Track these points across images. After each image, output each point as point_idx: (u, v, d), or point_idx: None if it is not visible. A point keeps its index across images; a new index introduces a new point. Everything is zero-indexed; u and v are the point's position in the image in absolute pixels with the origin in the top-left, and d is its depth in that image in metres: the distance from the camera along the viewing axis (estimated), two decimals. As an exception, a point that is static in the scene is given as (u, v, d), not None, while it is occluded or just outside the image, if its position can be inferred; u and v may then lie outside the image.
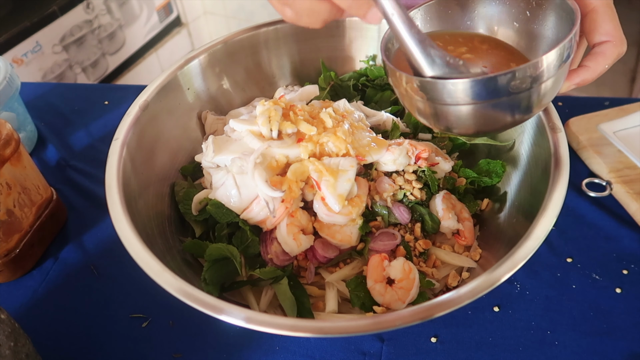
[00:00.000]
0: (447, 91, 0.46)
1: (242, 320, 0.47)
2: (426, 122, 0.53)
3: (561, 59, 0.46)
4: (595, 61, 0.50)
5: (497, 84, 0.45)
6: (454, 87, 0.46)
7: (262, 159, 0.60)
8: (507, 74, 0.44)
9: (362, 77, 0.81)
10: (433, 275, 0.62)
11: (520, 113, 0.49)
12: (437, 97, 0.48)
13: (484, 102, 0.47)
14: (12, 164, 0.66)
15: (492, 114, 0.49)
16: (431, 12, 0.57)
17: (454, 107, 0.48)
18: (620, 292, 0.65)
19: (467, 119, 0.49)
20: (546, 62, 0.45)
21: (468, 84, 0.45)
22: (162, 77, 0.70)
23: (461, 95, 0.46)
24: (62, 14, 1.77)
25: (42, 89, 1.03)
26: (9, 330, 0.50)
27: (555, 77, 0.47)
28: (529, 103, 0.48)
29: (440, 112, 0.50)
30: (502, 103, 0.47)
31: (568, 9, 0.49)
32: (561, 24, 0.51)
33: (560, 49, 0.45)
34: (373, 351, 0.61)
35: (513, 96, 0.46)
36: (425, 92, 0.48)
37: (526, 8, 0.54)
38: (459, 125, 0.51)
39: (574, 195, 0.76)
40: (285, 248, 0.60)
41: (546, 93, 0.48)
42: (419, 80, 0.48)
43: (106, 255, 0.73)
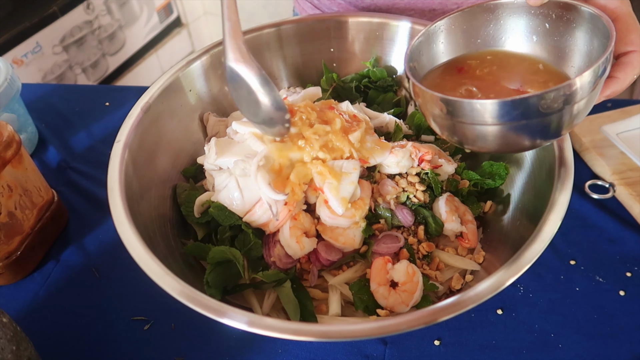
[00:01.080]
0: (472, 110, 0.45)
1: (244, 324, 0.47)
2: (440, 132, 0.52)
3: (596, 78, 0.44)
4: (624, 72, 0.49)
5: (528, 105, 0.43)
6: (481, 107, 0.44)
7: (265, 161, 0.60)
8: (539, 96, 0.43)
9: (365, 79, 0.81)
10: (436, 278, 0.62)
11: (548, 135, 0.48)
12: (461, 116, 0.46)
13: (510, 124, 0.45)
14: (13, 166, 0.65)
15: (517, 136, 0.47)
16: (450, 25, 0.57)
17: (477, 127, 0.47)
18: (623, 294, 0.65)
19: (489, 139, 0.48)
20: (581, 82, 0.43)
21: (496, 105, 0.44)
22: (164, 78, 0.70)
23: (488, 115, 0.45)
24: (63, 14, 1.77)
25: (43, 90, 1.03)
26: (11, 334, 0.49)
27: (588, 97, 0.45)
28: (559, 124, 0.46)
29: (460, 129, 0.48)
30: (530, 125, 0.45)
31: (597, 22, 0.48)
32: (587, 37, 0.50)
33: (596, 69, 0.44)
34: (376, 354, 0.61)
35: (542, 118, 0.44)
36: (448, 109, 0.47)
37: (546, 21, 0.53)
38: (476, 143, 0.50)
39: (577, 197, 0.75)
40: (288, 251, 0.60)
41: (579, 113, 0.46)
42: (444, 99, 0.47)
43: (107, 257, 0.72)
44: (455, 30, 0.57)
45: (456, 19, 0.57)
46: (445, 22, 0.57)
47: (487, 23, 0.57)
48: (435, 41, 0.57)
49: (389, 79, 0.80)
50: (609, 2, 0.50)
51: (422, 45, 0.56)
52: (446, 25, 0.57)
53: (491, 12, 0.56)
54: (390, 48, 0.80)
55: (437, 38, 0.57)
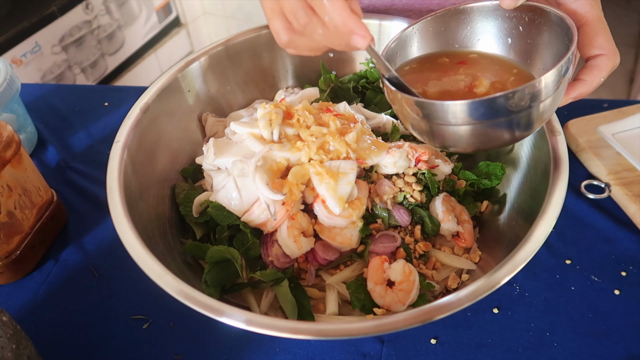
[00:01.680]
0: (444, 111, 0.47)
1: (242, 323, 0.47)
2: (422, 138, 0.53)
3: (559, 77, 0.46)
4: (591, 74, 0.51)
5: (496, 104, 0.45)
6: (451, 107, 0.46)
7: (263, 161, 0.61)
8: (506, 95, 0.45)
9: (362, 79, 0.82)
10: (433, 277, 0.62)
11: (518, 131, 0.50)
12: (434, 117, 0.48)
13: (481, 123, 0.47)
14: (13, 165, 0.66)
15: (490, 134, 0.49)
16: (427, 29, 0.58)
17: (452, 127, 0.48)
18: (618, 293, 0.65)
19: (465, 139, 0.50)
20: (545, 81, 0.45)
21: (467, 105, 0.45)
22: (163, 79, 0.71)
23: (459, 115, 0.46)
24: (62, 14, 1.77)
25: (42, 90, 1.03)
26: (11, 333, 0.50)
27: (553, 96, 0.47)
28: (528, 121, 0.48)
29: (437, 131, 0.50)
30: (500, 123, 0.47)
31: (564, 25, 0.50)
32: (556, 39, 0.52)
33: (559, 68, 0.45)
34: (373, 353, 0.61)
35: (512, 115, 0.46)
36: (421, 110, 0.48)
37: (520, 24, 0.55)
38: (456, 144, 0.51)
39: (573, 197, 0.76)
40: (285, 250, 0.61)
41: (545, 111, 0.48)
42: (416, 101, 0.48)
43: (107, 256, 0.73)
44: (430, 33, 0.58)
45: (431, 22, 0.57)
46: (419, 26, 0.57)
47: (462, 26, 0.58)
48: (409, 45, 0.58)
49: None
50: (579, 7, 0.51)
51: (397, 48, 0.57)
52: (420, 29, 0.57)
53: (466, 15, 0.57)
54: (387, 49, 0.80)
55: (411, 41, 0.58)
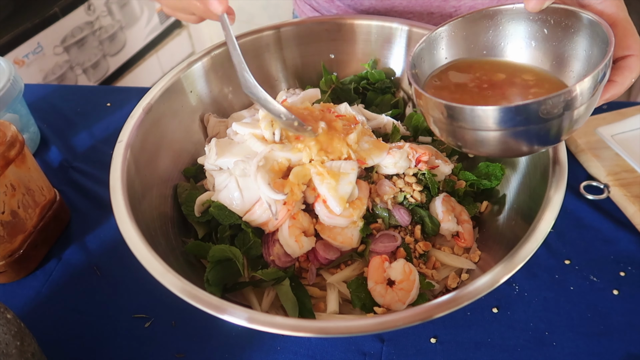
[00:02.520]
0: (474, 117, 0.46)
1: (244, 320, 0.48)
2: (444, 139, 0.53)
3: (596, 84, 0.45)
4: (623, 75, 0.50)
5: (527, 111, 0.44)
6: (483, 113, 0.45)
7: (265, 162, 0.61)
8: (537, 102, 0.43)
9: (363, 81, 0.82)
10: (433, 276, 0.63)
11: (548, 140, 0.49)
12: (463, 122, 0.47)
13: (511, 130, 0.46)
14: (16, 165, 0.66)
15: (518, 141, 0.48)
16: (454, 32, 0.58)
17: (480, 133, 0.47)
18: (617, 293, 0.66)
19: (491, 144, 0.49)
20: (580, 89, 0.44)
21: (497, 112, 0.44)
22: (166, 79, 0.71)
23: (489, 122, 0.45)
24: (64, 15, 1.78)
25: (45, 91, 1.04)
26: (15, 330, 0.50)
27: (588, 102, 0.46)
28: (558, 130, 0.47)
29: (462, 135, 0.49)
30: (530, 130, 0.46)
31: (595, 28, 0.49)
32: (586, 43, 0.51)
33: (595, 75, 0.44)
34: (373, 352, 0.62)
35: (543, 124, 0.45)
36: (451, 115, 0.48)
37: (554, 27, 0.54)
38: (481, 149, 0.50)
39: (572, 198, 0.77)
40: (287, 250, 0.61)
41: (578, 118, 0.47)
42: (446, 105, 0.47)
43: (109, 256, 0.73)
44: (456, 36, 0.58)
45: (457, 25, 0.57)
46: (446, 29, 0.57)
47: (486, 29, 0.57)
48: (436, 47, 0.58)
49: (387, 80, 0.81)
50: (606, 7, 0.51)
51: (423, 51, 0.57)
52: (447, 32, 0.58)
53: (490, 19, 0.57)
54: (388, 50, 0.81)
55: (438, 44, 0.58)
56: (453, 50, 0.59)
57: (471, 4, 0.85)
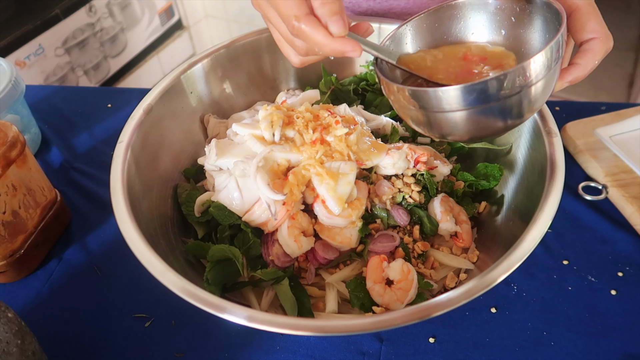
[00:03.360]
0: (437, 98, 0.47)
1: (244, 319, 0.48)
2: (421, 130, 0.54)
3: (550, 61, 0.47)
4: (585, 58, 0.51)
5: (486, 88, 0.46)
6: (444, 94, 0.47)
7: (264, 162, 0.62)
8: (494, 79, 0.45)
9: (362, 82, 0.83)
10: (431, 276, 0.63)
11: (512, 117, 0.50)
12: (428, 105, 0.49)
13: (474, 108, 0.47)
14: (17, 165, 0.67)
15: (485, 119, 0.49)
16: (419, 26, 0.58)
17: (446, 114, 0.49)
18: (615, 294, 0.66)
19: (460, 126, 0.50)
20: (534, 65, 0.46)
21: (458, 91, 0.46)
22: (166, 81, 0.72)
23: (452, 102, 0.47)
24: (65, 17, 1.78)
25: (46, 92, 1.04)
26: (16, 329, 0.51)
27: (545, 79, 0.48)
28: (520, 106, 0.49)
29: (434, 120, 0.51)
30: (493, 108, 0.48)
31: (553, 10, 0.50)
32: (548, 27, 0.52)
33: (547, 51, 0.46)
34: (372, 351, 0.62)
35: (503, 100, 0.47)
36: (416, 100, 0.49)
37: (511, 14, 0.55)
38: (453, 132, 0.52)
39: (571, 198, 0.77)
40: (286, 250, 0.61)
41: (537, 95, 0.49)
42: (409, 90, 0.49)
43: (109, 256, 0.74)
44: (424, 30, 0.58)
45: (424, 19, 0.58)
46: (412, 23, 0.58)
47: (455, 21, 0.58)
48: (403, 42, 0.59)
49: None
50: None
51: (390, 46, 0.58)
52: (414, 26, 0.58)
53: (458, 10, 0.57)
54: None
55: (404, 39, 0.59)
56: (420, 43, 0.59)
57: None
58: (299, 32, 0.49)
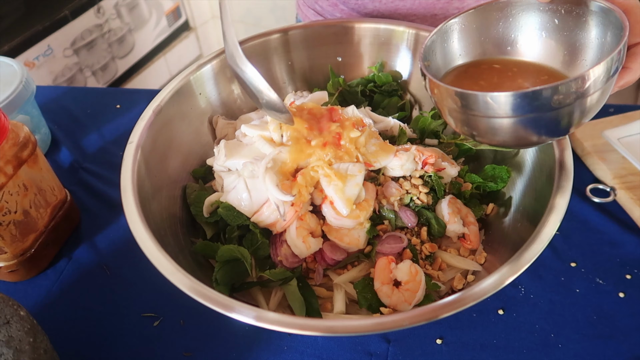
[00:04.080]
0: (487, 103, 0.46)
1: (252, 319, 0.48)
2: (454, 125, 0.53)
3: (609, 72, 0.45)
4: (637, 62, 0.50)
5: (541, 97, 0.44)
6: (493, 100, 0.45)
7: (273, 163, 0.62)
8: (549, 88, 0.43)
9: (370, 83, 0.83)
10: (439, 277, 0.63)
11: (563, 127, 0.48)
12: (474, 108, 0.47)
13: (524, 116, 0.45)
14: (29, 165, 0.67)
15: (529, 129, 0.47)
16: (462, 23, 0.58)
17: (491, 120, 0.47)
18: (623, 296, 0.66)
19: (501, 132, 0.49)
20: (593, 75, 0.44)
21: (508, 97, 0.44)
22: (175, 82, 0.72)
23: (501, 108, 0.45)
24: (73, 18, 1.80)
25: (56, 93, 1.05)
26: (28, 327, 0.51)
27: (602, 89, 0.45)
28: (571, 118, 0.47)
29: (473, 121, 0.50)
30: (542, 117, 0.46)
31: (612, 17, 0.49)
32: (603, 32, 0.51)
33: (608, 62, 0.44)
34: (379, 352, 0.62)
35: (556, 111, 0.45)
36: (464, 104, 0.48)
37: (564, 16, 0.54)
38: (488, 136, 0.51)
39: (579, 200, 0.77)
40: (294, 250, 0.62)
41: (592, 106, 0.47)
42: (458, 91, 0.48)
43: (118, 255, 0.74)
44: (468, 28, 0.58)
45: (468, 17, 0.58)
46: (457, 21, 0.58)
47: (497, 21, 0.58)
48: (448, 39, 0.59)
49: (394, 83, 0.82)
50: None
51: (435, 44, 0.57)
52: (459, 24, 0.58)
53: (501, 11, 0.57)
54: (395, 53, 0.82)
55: (450, 36, 0.59)
56: (464, 42, 0.59)
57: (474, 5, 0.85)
58: None
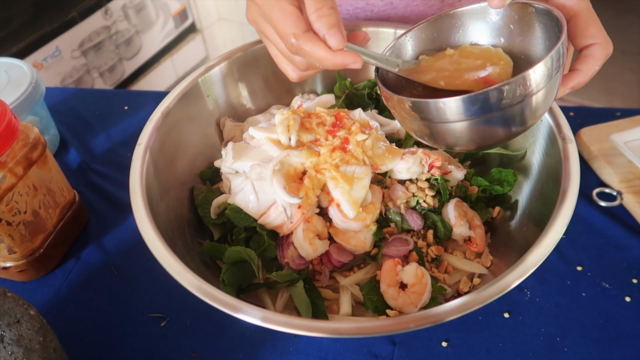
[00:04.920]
0: (438, 109, 0.47)
1: (259, 320, 0.49)
2: (425, 141, 0.54)
3: (551, 70, 0.46)
4: (586, 63, 0.51)
5: (487, 99, 0.45)
6: (445, 105, 0.47)
7: (280, 166, 0.62)
8: (495, 89, 0.45)
9: (377, 86, 0.83)
10: (445, 280, 0.64)
11: (515, 125, 0.50)
12: (430, 116, 0.49)
13: (476, 119, 0.47)
14: (38, 166, 0.68)
15: (488, 129, 0.49)
16: (418, 36, 0.59)
17: (448, 125, 0.49)
18: (629, 300, 0.66)
19: (464, 136, 0.50)
20: (534, 74, 0.45)
21: (458, 102, 0.46)
22: (184, 84, 0.73)
23: (453, 113, 0.47)
24: (82, 19, 1.81)
25: (64, 94, 1.06)
26: (38, 326, 0.52)
27: (546, 88, 0.47)
28: (522, 115, 0.49)
29: (436, 131, 0.51)
30: (495, 117, 0.47)
31: (553, 18, 0.50)
32: (548, 34, 0.52)
33: (548, 60, 0.46)
34: (385, 354, 0.62)
35: (505, 110, 0.47)
36: (418, 111, 0.49)
37: (511, 22, 0.55)
38: (457, 143, 0.52)
39: (585, 204, 0.77)
40: (301, 252, 0.62)
41: (539, 104, 0.48)
42: (410, 101, 0.49)
43: (126, 256, 0.75)
44: (424, 39, 0.59)
45: (423, 29, 0.58)
46: (412, 34, 0.58)
47: (454, 30, 0.58)
48: (403, 53, 0.59)
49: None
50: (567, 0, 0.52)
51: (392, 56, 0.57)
52: (413, 36, 0.58)
53: (457, 19, 0.57)
54: (402, 56, 0.82)
55: (404, 49, 0.59)
56: (418, 52, 0.59)
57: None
58: (298, 49, 0.49)
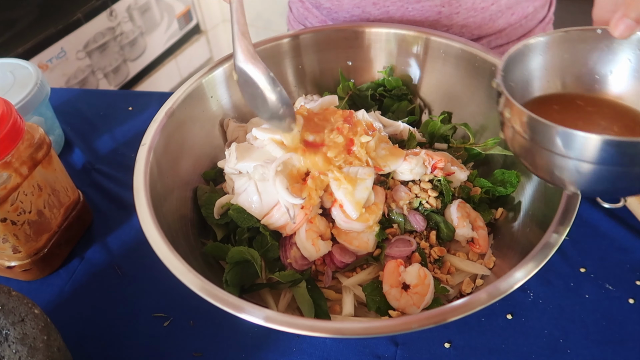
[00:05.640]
0: (566, 140, 0.39)
1: (262, 319, 0.49)
2: (521, 159, 0.48)
3: None
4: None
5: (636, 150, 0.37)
6: (584, 140, 0.38)
7: (283, 167, 0.63)
8: None
9: (380, 87, 0.83)
10: (447, 281, 0.64)
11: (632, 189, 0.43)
12: (551, 144, 0.41)
13: (607, 166, 0.39)
14: (43, 166, 0.68)
15: (617, 181, 0.41)
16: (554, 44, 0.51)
17: (570, 161, 0.41)
18: (633, 302, 0.66)
19: (574, 175, 0.42)
20: None
21: (600, 142, 0.38)
22: (187, 85, 0.73)
23: (586, 151, 0.39)
24: (87, 21, 1.82)
25: (69, 95, 1.07)
26: (42, 325, 0.52)
27: None
28: None
29: (545, 157, 0.43)
30: (628, 172, 0.40)
31: None
32: None
33: None
34: (387, 355, 0.62)
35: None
36: (533, 132, 0.42)
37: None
38: (554, 177, 0.45)
39: (588, 206, 0.77)
40: (304, 253, 0.62)
41: None
42: (532, 118, 0.41)
43: (129, 256, 0.75)
44: (552, 51, 0.51)
45: (554, 40, 0.51)
46: (543, 40, 0.50)
47: (589, 51, 0.50)
48: (528, 60, 0.51)
49: (403, 87, 0.82)
50: None
51: (514, 61, 0.50)
52: (544, 45, 0.51)
53: (598, 41, 0.49)
54: (405, 58, 0.82)
55: (531, 56, 0.51)
56: (546, 65, 0.52)
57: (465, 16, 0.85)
58: None
